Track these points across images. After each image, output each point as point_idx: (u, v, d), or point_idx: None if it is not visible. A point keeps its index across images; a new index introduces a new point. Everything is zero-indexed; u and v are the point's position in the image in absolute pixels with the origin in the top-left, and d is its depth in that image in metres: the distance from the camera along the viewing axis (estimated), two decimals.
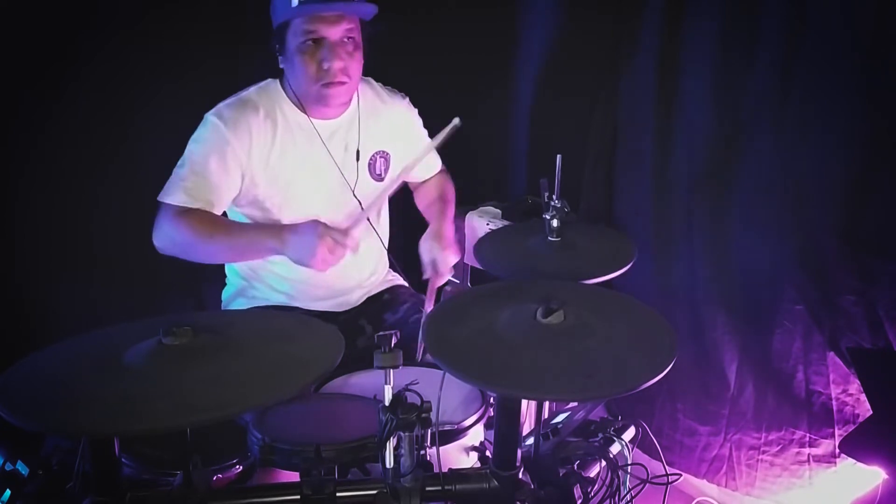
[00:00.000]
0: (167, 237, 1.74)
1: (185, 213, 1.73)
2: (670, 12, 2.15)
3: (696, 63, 2.13)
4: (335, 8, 1.71)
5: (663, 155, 2.25)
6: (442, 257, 1.83)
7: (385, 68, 2.00)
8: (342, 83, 1.77)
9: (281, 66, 1.81)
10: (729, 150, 2.11)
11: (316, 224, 1.66)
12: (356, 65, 1.80)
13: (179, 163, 1.77)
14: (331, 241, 1.62)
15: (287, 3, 1.71)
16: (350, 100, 1.88)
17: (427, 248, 1.86)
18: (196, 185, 1.73)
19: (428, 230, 1.93)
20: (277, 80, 1.86)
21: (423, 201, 2.12)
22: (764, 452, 2.20)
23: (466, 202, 2.61)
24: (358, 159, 1.90)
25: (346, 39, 1.75)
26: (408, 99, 2.05)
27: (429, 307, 1.80)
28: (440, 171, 2.17)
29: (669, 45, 2.17)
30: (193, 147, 1.77)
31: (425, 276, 1.86)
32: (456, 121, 1.70)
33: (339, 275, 1.95)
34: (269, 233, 1.74)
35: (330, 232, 1.64)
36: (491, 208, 2.56)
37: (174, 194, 1.74)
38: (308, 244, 1.62)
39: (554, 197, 1.71)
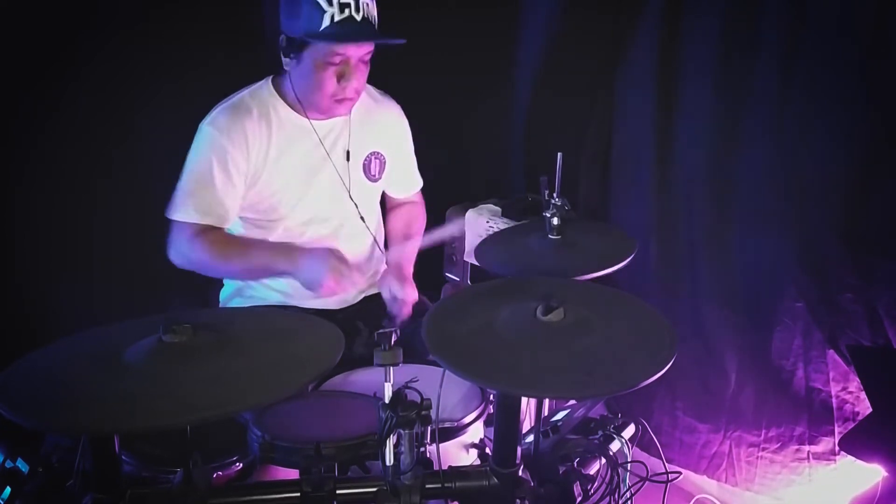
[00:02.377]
0: (183, 257, 1.78)
1: (201, 233, 1.76)
2: (669, 12, 2.15)
3: (695, 62, 2.13)
4: (367, 41, 1.73)
5: (663, 153, 2.25)
6: (401, 294, 1.86)
7: (385, 69, 2.00)
8: (352, 99, 1.81)
9: (286, 67, 1.80)
10: (729, 148, 2.11)
11: (329, 254, 1.73)
12: (364, 80, 1.82)
13: (182, 176, 1.78)
14: (339, 273, 1.69)
15: (313, 21, 1.67)
16: None
17: (387, 285, 1.90)
18: (203, 199, 1.76)
19: (387, 268, 1.97)
20: (269, 82, 1.86)
21: (389, 228, 2.12)
22: (764, 449, 2.21)
23: (466, 199, 2.62)
24: (348, 159, 1.90)
25: (364, 57, 1.77)
26: (400, 107, 2.05)
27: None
28: (415, 201, 2.16)
29: (669, 44, 2.17)
30: (193, 159, 1.78)
31: (392, 313, 1.89)
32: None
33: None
34: (282, 255, 1.79)
35: (340, 265, 1.70)
36: (491, 206, 2.56)
37: (183, 211, 1.76)
38: (318, 272, 1.69)
39: (554, 195, 1.71)
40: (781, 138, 2.00)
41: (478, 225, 2.48)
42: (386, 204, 2.14)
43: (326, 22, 1.67)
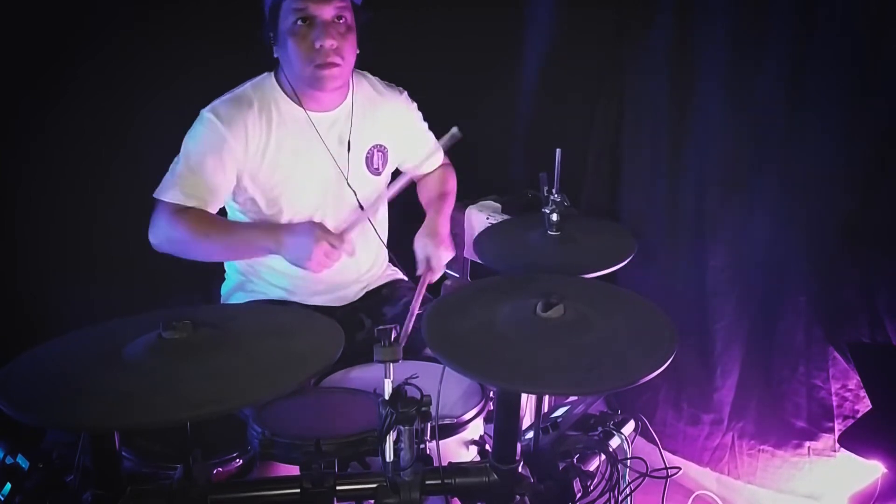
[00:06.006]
0: (163, 235, 1.75)
1: (182, 211, 1.74)
2: (680, 14, 2.16)
3: (707, 62, 2.14)
4: None
5: (675, 151, 2.26)
6: (436, 254, 1.84)
7: (385, 66, 2.01)
8: (335, 64, 1.76)
9: (275, 55, 1.80)
10: (736, 146, 2.12)
11: (312, 226, 1.68)
12: (349, 47, 1.78)
13: (176, 160, 1.78)
14: (326, 244, 1.64)
15: None
16: (345, 85, 1.87)
17: (421, 244, 1.87)
18: (192, 182, 1.74)
19: (423, 226, 1.94)
20: (272, 75, 1.86)
21: (424, 195, 2.12)
22: (765, 443, 2.21)
23: (467, 196, 2.61)
24: (349, 150, 1.90)
25: (337, 19, 1.75)
26: (406, 93, 2.04)
27: (417, 302, 1.80)
28: (443, 164, 2.17)
29: (680, 45, 2.18)
30: (189, 144, 1.78)
31: (418, 272, 1.88)
32: (454, 130, 1.71)
33: (338, 270, 1.95)
34: (265, 233, 1.76)
35: (326, 235, 1.66)
36: (491, 202, 2.56)
37: (169, 191, 1.74)
38: (304, 246, 1.64)
39: (553, 191, 1.71)
40: (787, 136, 2.01)
41: (478, 221, 2.48)
42: (415, 179, 2.11)
43: None
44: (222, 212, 1.88)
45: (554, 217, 1.70)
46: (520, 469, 1.32)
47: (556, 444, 1.54)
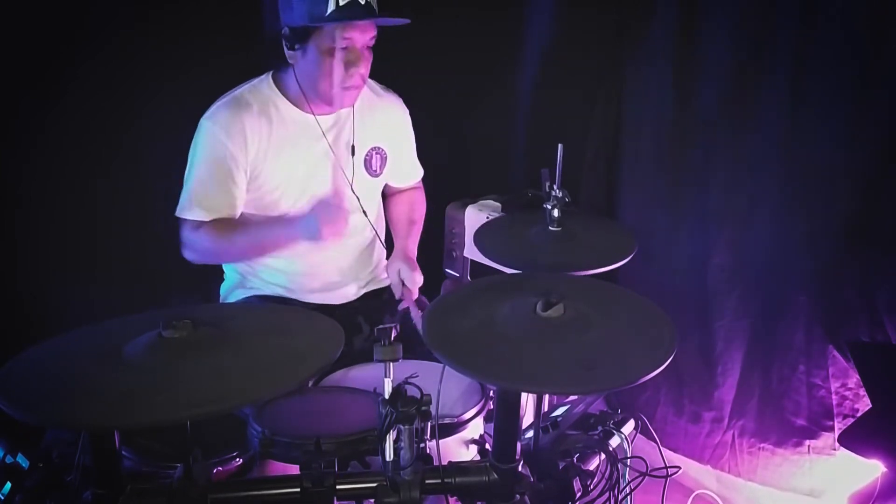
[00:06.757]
0: (193, 251, 1.84)
1: (203, 223, 1.81)
2: (683, 15, 2.16)
3: (708, 61, 2.14)
4: (372, 20, 1.75)
5: (676, 150, 2.27)
6: (410, 277, 1.88)
7: (386, 67, 2.01)
8: (359, 87, 1.83)
9: (291, 60, 1.81)
10: (739, 146, 2.12)
11: (316, 204, 1.79)
12: (369, 68, 1.84)
13: (186, 174, 1.83)
14: (331, 215, 1.72)
15: (319, 6, 1.69)
16: None
17: (395, 269, 1.92)
18: (207, 197, 1.81)
19: (395, 251, 2.00)
20: (270, 76, 1.87)
21: (392, 214, 2.15)
22: (765, 441, 2.22)
23: (467, 196, 2.61)
24: (353, 154, 1.91)
25: (369, 46, 1.79)
26: (402, 100, 2.06)
27: (417, 313, 1.84)
28: (416, 187, 2.19)
29: (682, 43, 2.18)
30: (195, 158, 1.82)
31: (398, 296, 1.92)
32: None
33: (336, 267, 1.97)
34: (280, 223, 1.84)
35: (329, 208, 1.74)
36: (491, 202, 2.56)
37: (190, 210, 1.81)
38: (313, 222, 1.71)
39: (555, 187, 1.71)
40: (788, 136, 2.01)
41: (478, 221, 2.48)
42: (386, 191, 2.15)
43: (332, 7, 1.70)
44: None
45: (555, 213, 1.70)
46: (520, 468, 1.32)
47: (555, 443, 1.54)
